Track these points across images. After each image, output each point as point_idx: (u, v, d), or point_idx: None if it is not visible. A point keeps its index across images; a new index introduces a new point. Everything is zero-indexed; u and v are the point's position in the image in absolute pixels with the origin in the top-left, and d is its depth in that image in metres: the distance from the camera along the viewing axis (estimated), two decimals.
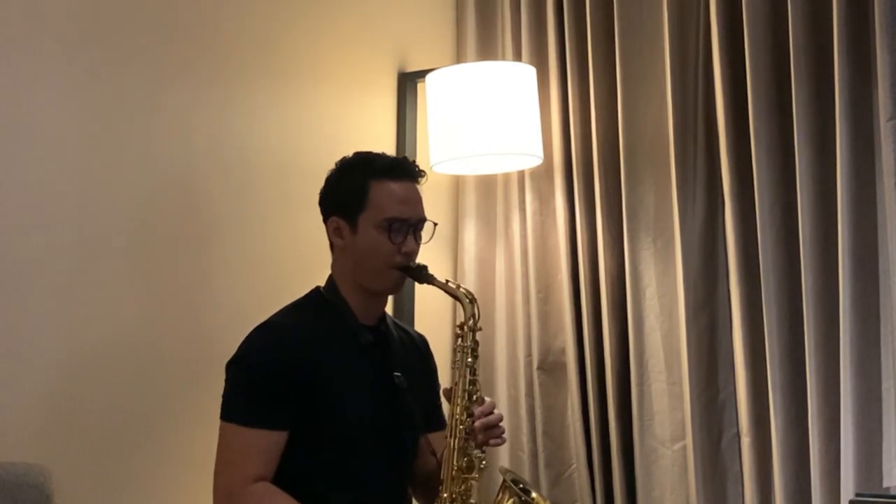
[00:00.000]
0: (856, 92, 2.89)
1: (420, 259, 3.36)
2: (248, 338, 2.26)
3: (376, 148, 3.30)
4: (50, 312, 2.47)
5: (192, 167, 2.79)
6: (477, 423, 2.24)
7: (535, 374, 3.38)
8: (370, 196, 2.28)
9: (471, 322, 2.30)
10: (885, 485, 2.80)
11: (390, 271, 2.29)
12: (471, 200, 3.52)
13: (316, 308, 2.32)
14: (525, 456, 3.39)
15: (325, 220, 2.36)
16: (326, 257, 2.86)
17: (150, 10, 2.72)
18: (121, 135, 2.63)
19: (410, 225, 2.30)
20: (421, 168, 2.36)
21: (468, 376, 2.28)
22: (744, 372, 3.04)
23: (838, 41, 2.88)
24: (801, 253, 2.95)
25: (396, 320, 2.50)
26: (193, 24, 2.83)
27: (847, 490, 2.81)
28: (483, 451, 2.27)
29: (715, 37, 3.11)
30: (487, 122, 3.09)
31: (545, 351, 3.39)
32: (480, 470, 2.27)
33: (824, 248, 2.95)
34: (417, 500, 2.50)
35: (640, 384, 3.19)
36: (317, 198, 2.99)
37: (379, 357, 2.32)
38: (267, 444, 2.17)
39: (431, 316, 3.30)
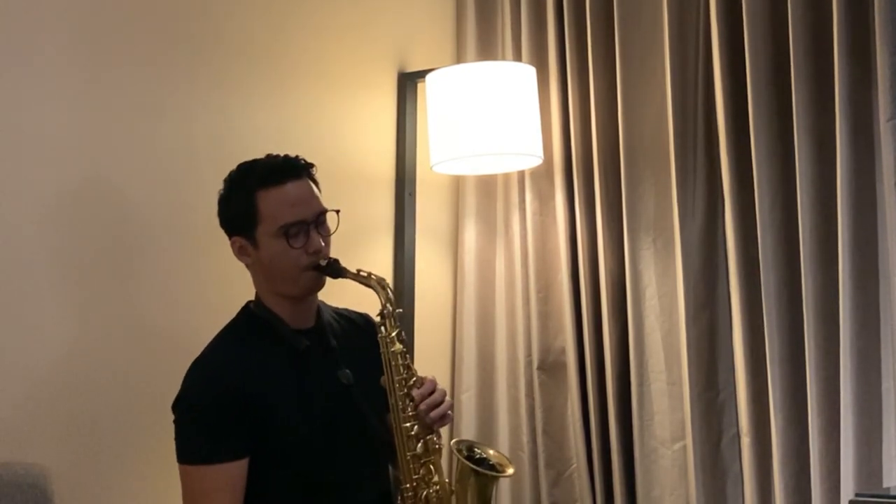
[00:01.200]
0: (856, 92, 2.89)
1: (421, 259, 3.39)
2: (185, 377, 2.24)
3: (376, 148, 3.33)
4: (51, 311, 2.47)
5: (193, 167, 2.79)
6: (421, 406, 2.23)
7: (535, 374, 3.38)
8: (259, 209, 2.23)
9: (388, 307, 2.28)
10: (885, 485, 2.80)
11: (303, 273, 2.26)
12: (471, 200, 3.52)
13: (248, 327, 2.31)
14: (525, 456, 3.39)
15: (229, 240, 2.32)
16: None
17: (151, 12, 2.72)
18: (122, 136, 2.63)
19: (308, 224, 2.25)
20: (306, 160, 2.30)
21: (399, 362, 2.25)
22: (744, 372, 3.04)
23: (838, 41, 2.88)
24: (801, 253, 2.95)
25: (335, 308, 2.45)
26: (193, 25, 2.83)
27: (847, 490, 2.81)
28: (436, 433, 2.26)
29: (715, 37, 3.10)
30: (487, 122, 3.09)
31: (545, 351, 3.39)
32: (437, 451, 2.26)
33: (824, 248, 2.94)
34: None
35: (640, 384, 3.19)
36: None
37: (320, 359, 2.30)
38: (230, 476, 2.16)
39: (430, 320, 3.30)
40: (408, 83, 3.41)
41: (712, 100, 3.14)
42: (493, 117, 3.09)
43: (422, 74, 3.30)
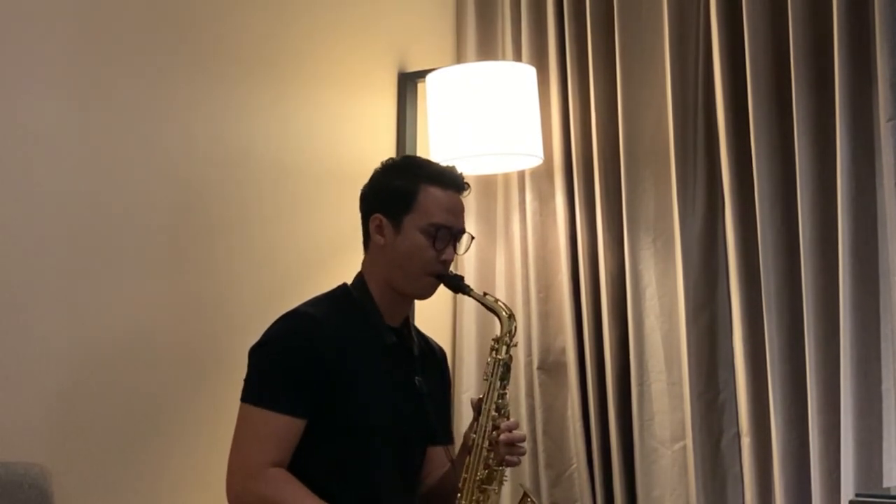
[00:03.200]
0: (856, 92, 2.90)
1: None
2: (275, 324, 2.25)
3: (376, 148, 3.33)
4: (50, 312, 2.47)
5: (194, 167, 2.79)
6: (502, 437, 2.23)
7: (536, 374, 3.39)
8: (419, 199, 2.27)
9: (507, 337, 2.30)
10: (885, 485, 2.80)
11: (425, 277, 2.28)
12: (471, 200, 3.51)
13: (343, 303, 2.31)
14: (525, 456, 3.39)
15: (365, 217, 2.33)
16: (327, 257, 2.86)
17: (151, 11, 2.72)
18: (122, 135, 2.63)
19: (453, 234, 2.29)
20: (467, 182, 2.35)
21: (499, 389, 2.27)
22: (744, 372, 3.04)
23: (838, 41, 2.88)
24: (801, 253, 2.95)
25: (418, 328, 2.49)
26: (194, 25, 2.83)
27: (847, 490, 2.81)
28: (503, 468, 2.26)
29: (715, 37, 3.11)
30: (487, 122, 3.09)
31: (545, 351, 3.39)
32: (500, 483, 2.26)
33: (824, 249, 2.95)
34: None
35: (640, 384, 3.19)
36: (318, 198, 2.99)
37: (402, 359, 2.32)
38: (286, 429, 2.16)
39: (430, 320, 3.29)
40: (408, 83, 3.41)
41: (712, 100, 3.14)
42: (493, 117, 3.10)
43: (422, 74, 3.30)
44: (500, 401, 2.26)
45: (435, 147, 3.19)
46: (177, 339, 2.71)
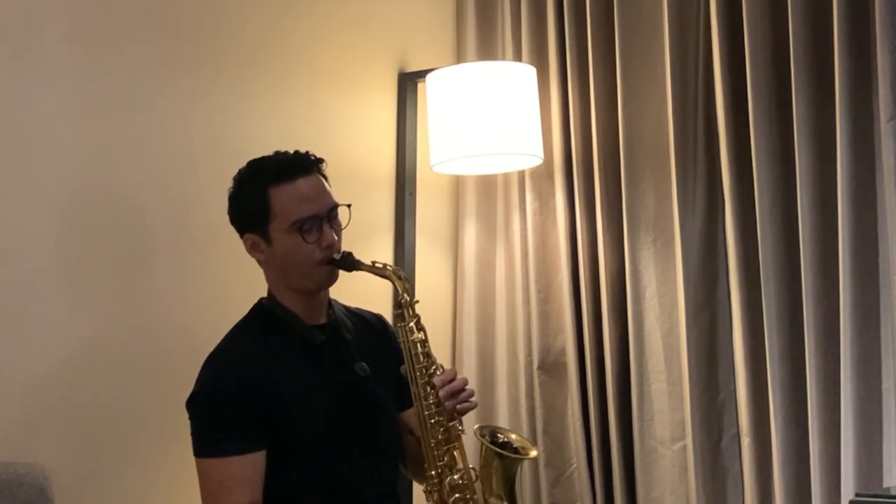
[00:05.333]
0: (856, 92, 2.89)
1: (421, 259, 3.39)
2: (201, 371, 2.25)
3: (376, 148, 3.33)
4: (50, 312, 2.47)
5: (192, 167, 2.79)
6: (441, 393, 2.24)
7: (536, 374, 3.38)
8: (272, 205, 2.25)
9: (406, 297, 2.30)
10: (885, 485, 2.80)
11: (317, 268, 2.27)
12: (471, 200, 3.52)
13: (261, 322, 2.32)
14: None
15: (241, 237, 2.34)
16: None
17: (150, 10, 2.72)
18: (120, 135, 2.63)
19: (321, 218, 2.26)
20: (315, 156, 2.32)
21: (419, 350, 2.27)
22: (744, 372, 3.04)
23: (838, 41, 2.88)
24: (801, 253, 2.95)
25: (347, 306, 2.47)
26: (193, 25, 2.83)
27: (847, 490, 2.81)
28: (458, 420, 2.27)
29: (715, 37, 3.10)
30: (487, 122, 3.09)
31: (545, 351, 3.39)
32: (459, 437, 2.28)
33: (824, 248, 2.94)
34: (415, 479, 2.51)
35: (640, 384, 3.19)
36: None
37: (334, 353, 2.31)
38: (249, 467, 2.17)
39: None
40: (408, 83, 3.41)
41: (712, 99, 3.14)
42: (493, 117, 3.09)
43: (422, 74, 3.30)
44: (425, 361, 2.27)
45: (435, 147, 3.19)
46: (177, 339, 2.71)
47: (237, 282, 2.88)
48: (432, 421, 2.25)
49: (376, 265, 2.32)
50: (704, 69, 3.18)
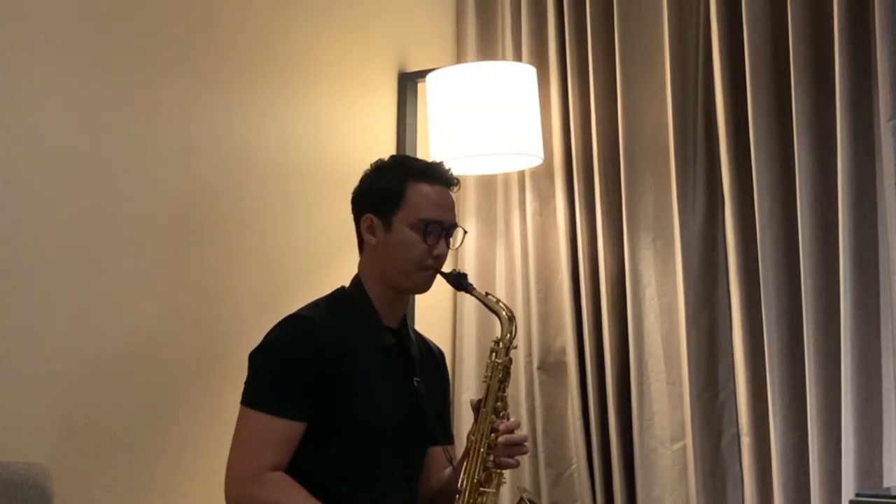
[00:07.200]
0: (856, 92, 2.90)
1: None
2: (274, 328, 2.25)
3: (376, 147, 3.33)
4: (50, 312, 2.47)
5: (192, 167, 2.79)
6: (500, 439, 2.24)
7: (536, 374, 3.39)
8: (407, 196, 2.28)
9: (507, 339, 2.31)
10: (885, 485, 2.80)
11: (419, 271, 2.29)
12: (471, 200, 3.52)
13: (341, 306, 2.32)
14: (525, 456, 3.38)
15: (356, 218, 2.35)
16: (326, 257, 2.87)
17: (150, 10, 2.72)
18: (120, 135, 2.63)
19: (443, 228, 2.30)
20: (456, 176, 2.36)
21: (498, 392, 2.27)
22: (744, 372, 3.04)
23: (838, 41, 2.88)
24: (801, 253, 2.95)
25: (416, 329, 2.50)
26: (193, 25, 2.83)
27: (847, 490, 2.81)
28: (502, 469, 2.26)
29: (715, 37, 3.11)
30: (487, 122, 3.09)
31: (545, 351, 3.39)
32: (499, 485, 2.26)
33: (824, 248, 2.95)
34: None
35: (640, 384, 3.19)
36: (317, 198, 2.99)
37: (400, 360, 2.32)
38: (286, 433, 2.16)
39: (430, 321, 3.30)
40: (408, 83, 3.41)
41: (712, 100, 3.14)
42: (493, 117, 3.10)
43: (422, 74, 3.30)
44: (498, 403, 2.27)
45: (435, 147, 3.19)
46: (176, 339, 2.72)
47: (237, 283, 2.88)
48: (480, 458, 2.24)
49: (489, 297, 2.36)
50: (704, 69, 3.18)
